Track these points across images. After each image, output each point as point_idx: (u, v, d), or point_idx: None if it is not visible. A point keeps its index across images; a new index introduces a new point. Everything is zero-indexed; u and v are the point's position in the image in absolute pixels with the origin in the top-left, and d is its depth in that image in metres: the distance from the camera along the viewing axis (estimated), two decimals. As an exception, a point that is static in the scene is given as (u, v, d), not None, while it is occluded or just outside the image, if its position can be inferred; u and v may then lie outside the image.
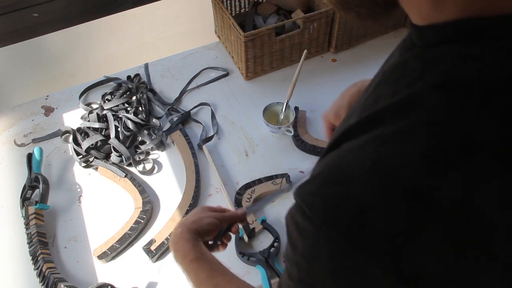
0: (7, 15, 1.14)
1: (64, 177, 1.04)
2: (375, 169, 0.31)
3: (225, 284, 0.61)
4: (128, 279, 0.88)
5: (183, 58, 1.32)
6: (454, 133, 0.30)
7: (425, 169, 0.30)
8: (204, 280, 0.62)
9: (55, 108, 1.19)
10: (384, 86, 0.38)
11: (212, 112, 1.16)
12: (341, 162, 0.34)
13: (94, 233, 0.95)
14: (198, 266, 0.63)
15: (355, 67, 1.26)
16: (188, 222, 0.69)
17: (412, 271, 0.31)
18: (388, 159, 0.31)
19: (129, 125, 1.09)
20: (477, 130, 0.30)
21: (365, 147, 0.33)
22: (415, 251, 0.30)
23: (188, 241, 0.65)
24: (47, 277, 0.83)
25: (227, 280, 0.61)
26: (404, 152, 0.31)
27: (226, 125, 1.13)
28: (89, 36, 1.43)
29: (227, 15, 1.18)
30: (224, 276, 0.62)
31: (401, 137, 0.32)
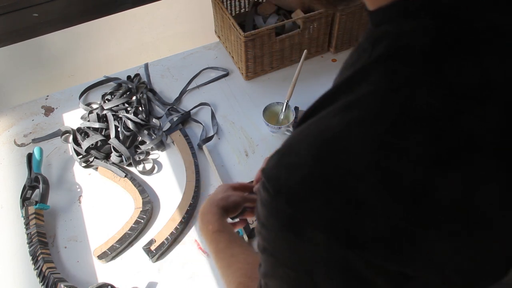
0: (7, 15, 1.14)
1: (64, 177, 1.04)
2: (317, 141, 0.33)
3: (240, 254, 0.66)
4: (128, 279, 0.88)
5: (183, 58, 1.32)
6: (394, 101, 0.31)
7: (363, 137, 0.31)
8: (222, 249, 0.67)
9: (55, 108, 1.19)
10: (345, 71, 0.41)
11: (212, 112, 1.16)
12: (293, 138, 0.36)
13: (94, 233, 0.95)
14: (219, 236, 0.69)
15: (355, 67, 1.26)
16: (218, 198, 0.75)
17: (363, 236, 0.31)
18: (328, 131, 0.33)
19: (129, 125, 1.09)
20: (419, 95, 0.31)
21: (313, 124, 0.35)
22: (365, 218, 0.31)
23: (214, 215, 0.72)
24: (47, 277, 0.83)
25: (242, 251, 0.66)
26: (346, 123, 0.32)
27: (226, 125, 1.13)
28: (89, 36, 1.43)
29: (227, 15, 1.18)
30: (240, 248, 0.67)
31: (346, 111, 0.33)
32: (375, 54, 0.35)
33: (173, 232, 0.91)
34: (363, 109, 0.32)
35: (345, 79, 0.36)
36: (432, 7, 0.33)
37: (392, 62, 0.33)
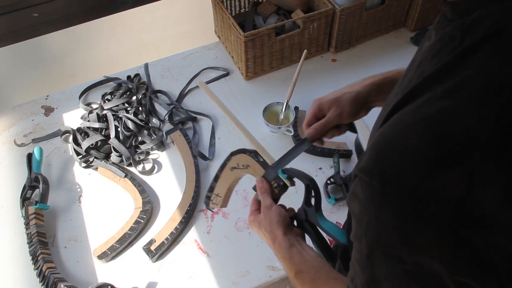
0: (7, 15, 1.14)
1: (64, 177, 1.04)
2: (428, 127, 0.33)
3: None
4: (128, 279, 0.88)
5: (183, 58, 1.32)
6: (505, 76, 0.32)
7: (477, 117, 0.31)
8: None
9: (55, 108, 1.19)
10: (425, 63, 0.40)
11: (213, 129, 1.12)
12: (388, 133, 0.36)
13: (94, 233, 0.95)
14: (301, 280, 0.60)
15: (355, 67, 1.26)
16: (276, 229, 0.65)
17: (477, 211, 0.31)
18: (439, 115, 0.33)
19: (129, 125, 1.09)
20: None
21: (409, 114, 0.35)
22: (482, 196, 0.31)
23: (285, 256, 0.63)
24: (47, 277, 0.84)
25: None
26: (457, 104, 0.33)
27: (226, 125, 1.13)
28: (89, 36, 1.43)
29: (227, 15, 1.18)
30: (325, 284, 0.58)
31: (451, 94, 0.33)
32: (471, 39, 0.35)
33: (173, 232, 0.91)
34: (472, 88, 0.32)
35: (437, 70, 0.36)
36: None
37: (498, 40, 0.34)
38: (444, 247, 0.32)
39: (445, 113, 0.33)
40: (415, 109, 0.35)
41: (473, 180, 0.31)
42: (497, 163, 0.30)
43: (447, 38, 0.38)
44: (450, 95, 0.33)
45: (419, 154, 0.33)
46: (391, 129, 0.36)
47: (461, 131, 0.32)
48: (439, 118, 0.33)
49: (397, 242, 0.35)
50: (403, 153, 0.34)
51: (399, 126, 0.35)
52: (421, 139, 0.33)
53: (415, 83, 0.38)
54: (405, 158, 0.33)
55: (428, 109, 0.34)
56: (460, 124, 0.32)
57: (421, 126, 0.33)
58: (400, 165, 0.33)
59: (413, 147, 0.33)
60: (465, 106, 0.32)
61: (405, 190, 0.33)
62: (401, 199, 0.33)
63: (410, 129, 0.34)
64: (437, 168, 0.32)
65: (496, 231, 0.31)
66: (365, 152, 0.38)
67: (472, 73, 0.33)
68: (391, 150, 0.35)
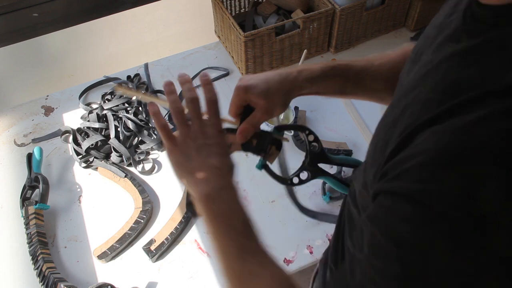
0: (7, 15, 1.14)
1: (64, 177, 1.04)
2: (488, 144, 0.31)
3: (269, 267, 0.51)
4: (128, 279, 0.88)
5: (183, 58, 1.32)
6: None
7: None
8: (248, 252, 0.52)
9: (55, 108, 1.19)
10: (459, 71, 0.38)
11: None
12: (446, 145, 0.34)
13: (94, 233, 0.95)
14: (249, 231, 0.53)
15: (355, 67, 1.26)
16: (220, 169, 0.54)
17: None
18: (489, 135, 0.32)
19: (129, 125, 1.09)
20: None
21: (468, 128, 0.33)
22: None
23: (232, 198, 0.54)
24: (47, 277, 0.84)
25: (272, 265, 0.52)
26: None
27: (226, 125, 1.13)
28: (89, 36, 1.42)
29: (227, 15, 1.18)
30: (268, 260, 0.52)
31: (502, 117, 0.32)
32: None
33: (173, 232, 0.91)
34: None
35: (503, 87, 0.34)
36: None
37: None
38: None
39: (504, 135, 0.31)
40: (462, 127, 0.33)
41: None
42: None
43: (496, 47, 0.36)
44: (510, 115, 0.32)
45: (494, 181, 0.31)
46: (443, 144, 0.34)
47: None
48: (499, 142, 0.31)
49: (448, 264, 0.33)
50: (462, 176, 0.32)
51: (452, 144, 0.33)
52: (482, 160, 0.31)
53: (463, 98, 0.35)
54: (467, 179, 0.32)
55: (488, 130, 0.32)
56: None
57: (477, 146, 0.32)
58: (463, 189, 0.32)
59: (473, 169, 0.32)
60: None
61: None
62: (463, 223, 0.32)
63: (466, 148, 0.32)
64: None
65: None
66: (406, 169, 0.35)
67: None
68: (448, 173, 0.33)
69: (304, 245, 0.91)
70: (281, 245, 0.91)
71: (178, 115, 0.55)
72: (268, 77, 0.62)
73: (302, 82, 0.63)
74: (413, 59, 0.50)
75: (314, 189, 0.99)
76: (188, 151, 0.54)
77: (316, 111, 1.15)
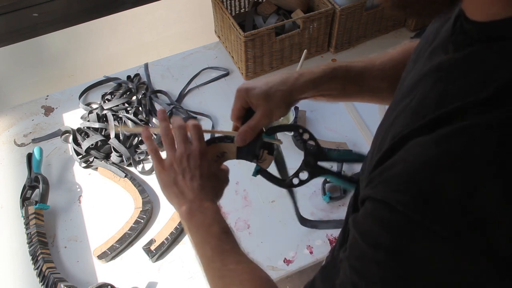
0: (7, 15, 1.14)
1: (64, 177, 1.04)
2: (462, 158, 0.33)
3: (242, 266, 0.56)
4: (128, 279, 0.88)
5: (183, 58, 1.32)
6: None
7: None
8: (227, 258, 0.56)
9: (55, 108, 1.19)
10: (446, 82, 0.39)
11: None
12: (426, 156, 0.35)
13: (94, 233, 0.95)
14: (226, 240, 0.58)
15: (355, 67, 1.26)
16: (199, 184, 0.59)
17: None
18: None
19: (129, 125, 1.09)
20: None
21: (446, 141, 0.34)
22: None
23: (209, 210, 0.59)
24: (47, 277, 0.84)
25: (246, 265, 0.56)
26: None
27: (226, 125, 1.13)
28: (89, 36, 1.43)
29: (227, 15, 1.18)
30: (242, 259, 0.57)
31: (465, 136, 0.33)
32: (506, 75, 0.34)
33: (173, 232, 0.91)
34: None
35: (474, 101, 0.35)
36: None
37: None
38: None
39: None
40: (438, 140, 0.34)
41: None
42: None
43: (474, 62, 0.37)
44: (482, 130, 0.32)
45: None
46: (420, 156, 0.35)
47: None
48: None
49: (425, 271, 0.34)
50: (442, 185, 0.33)
51: (429, 156, 0.34)
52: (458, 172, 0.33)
53: (434, 115, 0.37)
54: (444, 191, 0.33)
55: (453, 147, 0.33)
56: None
57: (453, 158, 0.33)
58: (439, 199, 0.33)
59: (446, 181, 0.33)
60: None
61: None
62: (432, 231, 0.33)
63: (443, 160, 0.33)
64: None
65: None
66: (386, 178, 0.37)
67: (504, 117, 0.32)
68: (424, 183, 0.34)
69: (304, 245, 0.91)
70: (281, 245, 0.91)
71: (167, 139, 0.61)
72: (269, 80, 0.63)
73: (303, 84, 0.63)
74: (414, 59, 0.51)
75: (314, 189, 0.99)
76: (174, 175, 0.60)
77: (316, 111, 1.15)
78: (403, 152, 0.38)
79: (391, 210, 0.35)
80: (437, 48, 0.45)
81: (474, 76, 0.37)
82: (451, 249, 0.33)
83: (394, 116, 0.45)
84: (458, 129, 0.34)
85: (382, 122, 0.50)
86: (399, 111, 0.44)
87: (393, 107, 0.47)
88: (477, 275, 0.32)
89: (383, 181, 0.37)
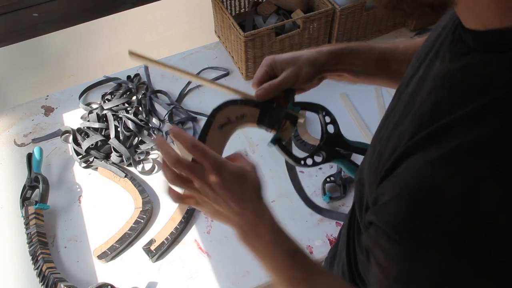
0: (7, 15, 1.14)
1: (64, 177, 1.04)
2: (447, 185, 0.32)
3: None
4: (128, 279, 0.88)
5: (183, 58, 1.32)
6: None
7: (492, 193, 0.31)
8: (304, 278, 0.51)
9: (55, 108, 1.19)
10: (440, 92, 0.39)
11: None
12: (419, 180, 0.35)
13: (94, 233, 0.95)
14: (296, 260, 0.52)
15: (355, 67, 1.26)
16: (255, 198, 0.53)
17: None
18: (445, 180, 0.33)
19: (129, 125, 1.09)
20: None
21: (432, 167, 0.34)
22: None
23: (272, 227, 0.53)
24: (47, 277, 0.84)
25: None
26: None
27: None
28: (89, 36, 1.42)
29: (227, 15, 1.18)
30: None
31: (462, 157, 0.33)
32: (496, 92, 0.33)
33: (173, 232, 0.91)
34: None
35: (463, 115, 0.34)
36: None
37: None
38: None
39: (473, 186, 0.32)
40: (428, 165, 0.34)
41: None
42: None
43: (469, 74, 0.36)
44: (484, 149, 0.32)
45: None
46: (417, 180, 0.35)
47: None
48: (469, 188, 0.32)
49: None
50: (436, 214, 0.33)
51: (424, 182, 0.34)
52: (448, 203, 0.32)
53: (429, 131, 0.36)
54: (440, 219, 0.33)
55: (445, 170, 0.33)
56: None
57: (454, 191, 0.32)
58: (433, 227, 0.33)
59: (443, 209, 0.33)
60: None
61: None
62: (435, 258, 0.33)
63: (435, 188, 0.33)
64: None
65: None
66: (386, 201, 0.37)
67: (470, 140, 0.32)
68: (420, 210, 0.34)
69: (304, 245, 0.91)
70: (281, 245, 0.91)
71: (178, 181, 0.54)
72: (295, 52, 0.63)
73: (327, 52, 0.62)
74: (416, 67, 0.50)
75: (314, 189, 0.99)
76: (211, 207, 0.54)
77: (316, 111, 1.14)
78: (403, 172, 0.37)
79: (389, 238, 0.35)
80: (435, 56, 0.45)
81: (466, 89, 0.36)
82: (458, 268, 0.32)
83: (396, 121, 0.44)
84: (450, 151, 0.34)
85: (384, 119, 0.50)
86: (396, 123, 0.44)
87: (395, 108, 0.47)
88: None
89: (382, 206, 0.37)
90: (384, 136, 0.46)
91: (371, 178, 0.46)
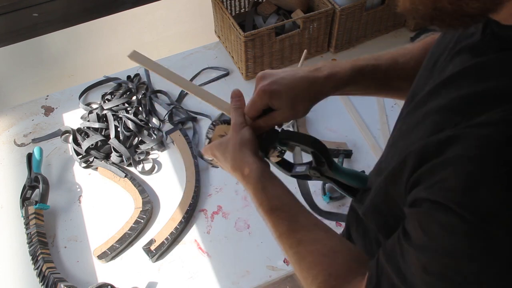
0: (7, 15, 1.14)
1: (64, 177, 1.04)
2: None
3: (309, 242, 0.53)
4: (128, 279, 0.88)
5: (183, 58, 1.32)
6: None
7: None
8: (285, 232, 0.55)
9: (55, 108, 1.19)
10: (470, 84, 0.40)
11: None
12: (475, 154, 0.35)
13: (94, 233, 0.95)
14: (278, 217, 0.56)
15: (355, 67, 1.26)
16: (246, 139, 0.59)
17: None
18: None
19: (129, 125, 1.09)
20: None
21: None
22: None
23: (256, 187, 0.57)
24: (47, 277, 0.84)
25: (312, 237, 0.54)
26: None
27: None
28: (89, 36, 1.42)
29: (227, 15, 1.18)
30: (307, 232, 0.54)
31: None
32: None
33: (173, 232, 0.91)
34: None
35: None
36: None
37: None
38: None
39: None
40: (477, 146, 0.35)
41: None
42: None
43: (503, 67, 0.38)
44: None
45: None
46: (472, 157, 0.35)
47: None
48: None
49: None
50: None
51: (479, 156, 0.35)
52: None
53: (468, 123, 0.37)
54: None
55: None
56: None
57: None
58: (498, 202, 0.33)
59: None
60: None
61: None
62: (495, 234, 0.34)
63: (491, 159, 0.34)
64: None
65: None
66: (444, 183, 0.37)
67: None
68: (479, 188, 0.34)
69: (304, 245, 0.91)
70: (281, 245, 0.91)
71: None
72: (294, 83, 0.59)
73: (330, 90, 0.61)
74: (430, 68, 0.50)
75: (314, 189, 0.99)
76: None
77: (316, 111, 1.14)
78: (453, 151, 0.37)
79: (452, 213, 0.35)
80: (462, 53, 0.45)
81: (502, 81, 0.37)
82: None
83: (421, 118, 0.45)
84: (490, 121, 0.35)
85: (402, 122, 0.50)
86: (426, 114, 0.44)
87: (414, 111, 0.47)
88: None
89: (436, 183, 0.37)
90: (407, 127, 0.47)
91: (395, 156, 0.46)
